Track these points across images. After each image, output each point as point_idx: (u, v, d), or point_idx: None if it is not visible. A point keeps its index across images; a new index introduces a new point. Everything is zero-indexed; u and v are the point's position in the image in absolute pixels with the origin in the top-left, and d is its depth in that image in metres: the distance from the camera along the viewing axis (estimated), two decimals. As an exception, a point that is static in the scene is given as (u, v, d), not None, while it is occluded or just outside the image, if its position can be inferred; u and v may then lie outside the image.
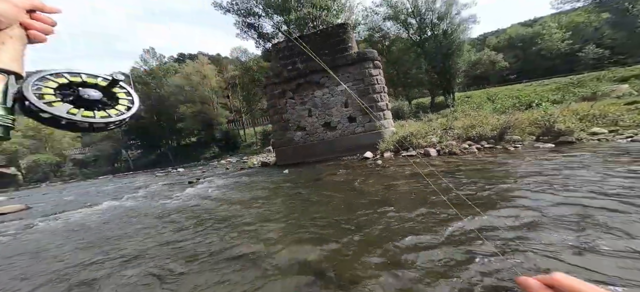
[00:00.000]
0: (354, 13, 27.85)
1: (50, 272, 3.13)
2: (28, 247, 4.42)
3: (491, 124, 8.17)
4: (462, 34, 26.73)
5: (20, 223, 6.56)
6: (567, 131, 5.95)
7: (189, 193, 7.88)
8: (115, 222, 5.37)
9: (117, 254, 3.44)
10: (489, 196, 3.51)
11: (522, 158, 5.47)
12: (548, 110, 7.19)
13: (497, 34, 71.21)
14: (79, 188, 18.16)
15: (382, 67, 31.13)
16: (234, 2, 24.63)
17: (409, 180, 5.41)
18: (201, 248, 3.22)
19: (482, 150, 6.99)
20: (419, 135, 9.13)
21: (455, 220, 2.81)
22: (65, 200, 11.15)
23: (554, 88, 24.02)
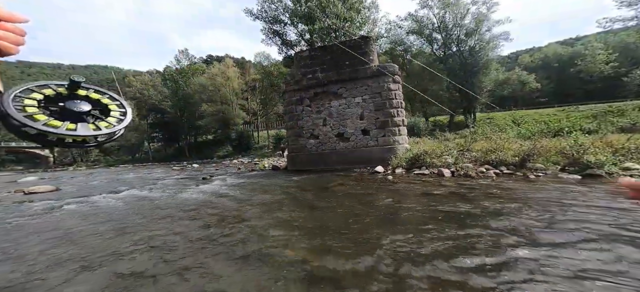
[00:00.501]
0: (377, 26, 28.08)
1: (74, 251, 3.43)
2: (58, 225, 4.86)
3: (513, 149, 7.80)
4: (491, 51, 25.80)
5: (50, 203, 7.11)
6: (596, 164, 5.53)
7: (203, 189, 8.23)
8: (135, 211, 5.76)
9: (133, 239, 3.70)
10: (497, 221, 3.36)
11: (541, 187, 5.16)
12: (578, 139, 6.74)
13: (532, 52, 67.60)
14: (103, 175, 19.41)
15: (402, 81, 30.85)
16: (263, 10, 25.93)
17: (419, 198, 5.30)
18: (208, 243, 3.38)
19: (500, 175, 6.67)
20: (433, 155, 8.91)
21: (456, 243, 2.73)
22: (90, 185, 11.96)
23: (589, 115, 22.38)
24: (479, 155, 8.30)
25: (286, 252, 3.00)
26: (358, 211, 4.65)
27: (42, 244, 3.75)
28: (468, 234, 3.09)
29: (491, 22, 25.31)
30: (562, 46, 54.65)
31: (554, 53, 51.03)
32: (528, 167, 6.60)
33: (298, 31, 26.30)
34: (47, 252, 3.41)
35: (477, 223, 3.44)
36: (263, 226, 4.07)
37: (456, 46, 26.98)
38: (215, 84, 36.38)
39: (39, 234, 4.33)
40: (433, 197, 5.19)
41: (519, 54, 71.07)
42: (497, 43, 25.88)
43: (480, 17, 24.92)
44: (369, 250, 2.86)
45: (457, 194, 5.28)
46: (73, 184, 12.49)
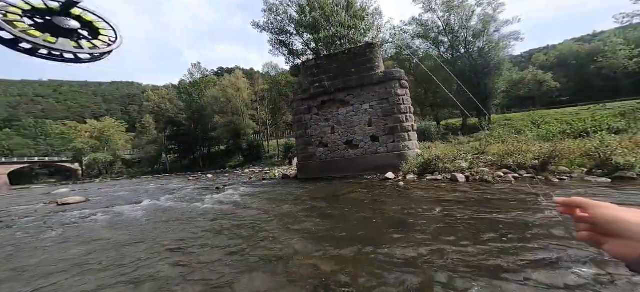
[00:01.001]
0: (381, 32, 28.11)
1: (103, 257, 3.54)
2: (89, 234, 5.09)
3: (532, 152, 7.39)
4: (501, 51, 24.97)
5: (82, 213, 7.56)
6: (626, 166, 5.11)
7: (216, 199, 8.37)
8: (156, 220, 5.95)
9: (154, 245, 3.77)
10: (519, 231, 3.13)
11: (566, 192, 4.82)
12: (605, 140, 6.29)
13: (546, 50, 65.09)
14: (126, 186, 20.32)
15: (411, 86, 30.41)
16: (269, 22, 26.67)
17: (433, 205, 5.09)
18: (221, 248, 3.38)
19: (519, 179, 6.31)
20: (446, 160, 8.61)
21: (470, 255, 2.56)
22: (115, 195, 12.54)
23: (616, 114, 20.96)
24: (495, 159, 7.94)
25: (298, 259, 2.94)
26: (370, 218, 4.52)
27: (78, 250, 3.92)
28: (487, 245, 2.91)
29: (499, 22, 24.59)
30: (578, 43, 52.30)
31: (569, 51, 48.87)
32: (550, 171, 6.20)
33: (304, 41, 26.80)
34: (84, 258, 3.55)
35: (497, 232, 3.23)
36: (274, 233, 4.03)
37: (464, 48, 26.41)
38: (226, 96, 37.46)
39: (75, 241, 4.55)
40: (448, 204, 4.98)
41: (532, 52, 68.53)
42: (507, 43, 25.02)
43: (486, 18, 24.29)
44: (382, 259, 2.75)
45: (473, 199, 5.03)
46: (101, 195, 13.16)
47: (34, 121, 77.14)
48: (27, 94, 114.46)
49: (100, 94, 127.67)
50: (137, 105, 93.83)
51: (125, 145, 57.55)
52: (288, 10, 26.28)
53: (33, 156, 58.41)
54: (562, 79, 43.76)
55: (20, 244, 4.85)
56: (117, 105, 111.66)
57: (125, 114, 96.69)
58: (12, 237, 5.55)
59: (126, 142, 58.04)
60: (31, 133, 69.08)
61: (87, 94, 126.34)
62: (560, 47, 54.04)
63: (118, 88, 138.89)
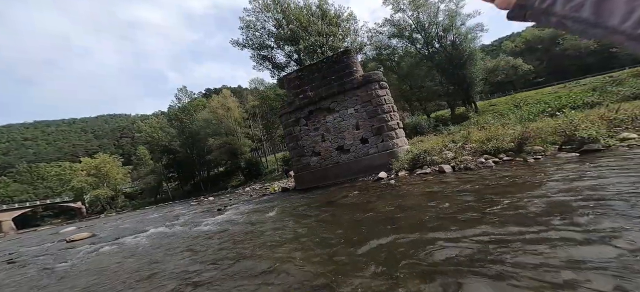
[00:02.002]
0: (359, 35, 28.95)
1: (110, 287, 3.72)
2: (97, 266, 5.23)
3: (509, 135, 7.83)
4: (471, 43, 26.14)
5: (89, 247, 7.67)
6: (590, 139, 5.54)
7: (217, 220, 8.53)
8: (160, 246, 6.10)
9: (160, 271, 3.96)
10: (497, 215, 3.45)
11: (538, 170, 5.20)
12: (569, 116, 6.77)
13: (513, 38, 67.99)
14: (131, 218, 20.06)
15: (395, 83, 30.97)
16: (248, 39, 27.08)
17: (419, 199, 5.40)
18: (221, 265, 3.60)
19: (499, 163, 6.71)
20: (433, 152, 9.00)
21: (453, 244, 2.85)
22: (121, 228, 12.57)
23: (589, 89, 21.96)
24: (477, 146, 8.35)
25: (292, 267, 3.18)
26: (360, 220, 4.79)
27: (88, 280, 4.09)
28: (470, 233, 3.21)
29: (463, 17, 25.95)
30: (538, 29, 54.94)
31: (533, 36, 51.71)
32: (526, 151, 6.62)
33: (286, 53, 27.34)
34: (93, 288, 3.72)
35: (478, 220, 3.55)
36: (270, 244, 4.26)
37: (438, 43, 27.54)
38: (217, 117, 37.60)
39: (85, 273, 4.70)
40: (433, 196, 5.29)
41: (501, 40, 71.68)
42: (474, 35, 26.38)
43: (451, 13, 25.55)
44: (367, 256, 3.02)
45: (457, 190, 5.36)
46: (106, 230, 13.13)
47: (28, 166, 75.61)
48: (15, 139, 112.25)
49: (90, 130, 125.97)
50: (129, 137, 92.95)
51: (124, 178, 56.81)
52: (265, 25, 26.86)
53: (34, 199, 57.47)
54: (535, 62, 45.78)
55: (31, 281, 4.96)
56: (108, 140, 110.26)
57: (118, 147, 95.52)
58: (24, 274, 5.61)
59: (124, 176, 57.31)
60: (27, 178, 67.77)
61: (76, 131, 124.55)
62: (525, 33, 56.73)
63: (106, 121, 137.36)
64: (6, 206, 49.94)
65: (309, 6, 26.32)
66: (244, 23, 26.59)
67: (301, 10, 25.48)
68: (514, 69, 41.51)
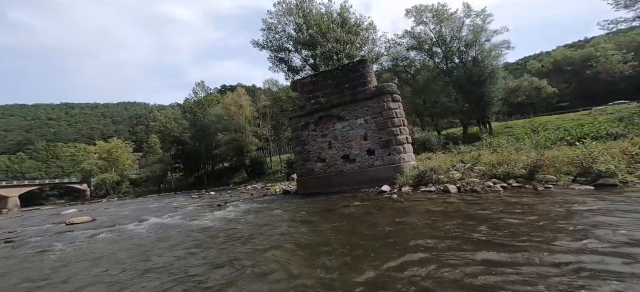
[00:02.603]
0: (376, 45, 28.96)
1: (104, 274, 3.83)
2: (91, 254, 5.37)
3: (522, 161, 7.55)
4: (494, 60, 25.26)
5: (88, 233, 7.85)
6: (608, 173, 5.26)
7: (216, 216, 8.63)
8: (158, 237, 6.25)
9: (153, 262, 4.05)
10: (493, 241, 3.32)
11: (547, 200, 4.97)
12: (588, 147, 6.46)
13: (540, 57, 65.68)
14: (131, 205, 20.67)
15: (409, 96, 30.62)
16: (268, 40, 27.74)
17: (421, 217, 5.28)
18: (211, 263, 3.64)
19: (508, 189, 6.46)
20: (440, 171, 8.80)
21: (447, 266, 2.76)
22: (121, 215, 12.89)
23: (615, 119, 20.89)
24: (486, 169, 8.10)
25: (282, 271, 3.17)
26: (358, 232, 4.73)
27: (83, 265, 4.22)
28: (464, 258, 3.10)
29: (488, 32, 25.14)
30: (570, 49, 52.80)
31: (563, 57, 49.37)
32: (537, 179, 6.35)
33: (302, 57, 27.76)
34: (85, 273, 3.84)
35: (474, 243, 3.43)
36: (261, 249, 4.27)
37: (458, 58, 26.97)
38: (229, 113, 38.43)
39: (80, 259, 4.86)
40: (434, 215, 5.17)
41: (527, 59, 69.32)
42: (499, 52, 25.49)
43: (476, 28, 24.88)
44: (359, 269, 2.97)
45: (459, 211, 5.21)
46: (107, 215, 13.52)
47: (46, 144, 79.65)
48: (40, 118, 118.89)
49: (109, 115, 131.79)
50: (144, 125, 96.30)
51: (132, 165, 58.74)
52: (286, 29, 27.44)
53: (44, 178, 60.03)
54: (562, 84, 43.88)
55: (25, 262, 5.17)
56: (124, 126, 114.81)
57: (132, 134, 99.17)
58: (19, 255, 5.85)
59: (133, 162, 59.31)
60: (43, 156, 71.27)
61: (96, 115, 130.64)
62: (554, 53, 54.56)
63: (126, 108, 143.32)
64: (16, 182, 52.22)
65: (330, 13, 26.71)
66: (266, 25, 27.31)
67: (322, 17, 25.90)
68: (536, 90, 39.94)
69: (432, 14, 26.26)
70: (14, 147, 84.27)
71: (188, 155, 45.65)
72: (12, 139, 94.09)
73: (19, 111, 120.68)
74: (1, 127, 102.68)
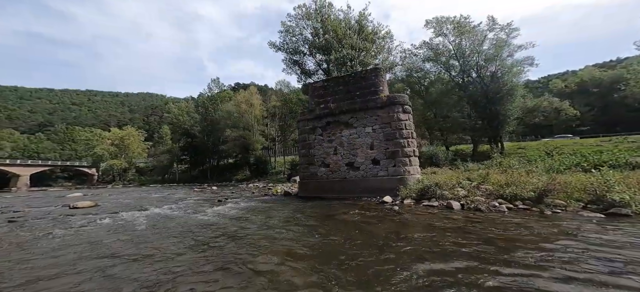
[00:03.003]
0: (392, 54, 28.88)
1: (101, 258, 3.98)
2: (90, 240, 5.58)
3: (532, 184, 7.30)
4: (515, 77, 24.15)
5: (90, 218, 8.09)
6: (621, 202, 5.01)
7: (216, 211, 8.78)
8: (156, 227, 6.39)
9: (147, 252, 4.17)
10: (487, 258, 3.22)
11: (553, 224, 4.78)
12: (605, 175, 6.19)
13: (565, 76, 63.03)
14: (134, 193, 21.10)
15: (420, 109, 30.11)
16: (284, 42, 28.28)
17: (420, 230, 5.19)
18: (204, 258, 3.71)
19: (513, 210, 6.26)
20: (445, 187, 8.62)
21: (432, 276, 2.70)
22: (123, 202, 13.24)
23: (638, 148, 19.87)
24: (493, 188, 7.88)
25: (274, 272, 3.20)
26: (355, 239, 4.70)
27: (75, 253, 4.40)
28: (456, 268, 3.04)
29: (512, 47, 24.14)
30: (600, 69, 50.20)
31: (591, 77, 46.85)
32: (546, 203, 6.12)
33: (316, 61, 28.07)
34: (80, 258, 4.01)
35: (473, 258, 3.34)
36: (259, 248, 4.31)
37: (476, 72, 26.25)
38: (239, 111, 39.19)
39: (77, 247, 5.05)
40: (434, 230, 5.07)
41: (550, 78, 66.69)
42: (521, 68, 24.42)
43: (499, 43, 24.01)
44: (348, 277, 2.95)
45: (460, 228, 5.08)
46: (109, 201, 13.90)
47: (64, 127, 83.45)
48: (64, 102, 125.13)
49: (128, 104, 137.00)
50: (158, 115, 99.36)
51: (142, 153, 60.48)
52: (303, 32, 27.90)
53: (57, 159, 62.47)
54: (584, 107, 42.01)
55: (24, 244, 5.41)
56: (140, 115, 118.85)
57: (146, 123, 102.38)
58: (18, 236, 6.02)
59: (143, 150, 61.09)
60: (60, 138, 74.46)
61: (116, 103, 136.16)
62: (581, 73, 52.12)
63: (144, 98, 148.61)
64: (31, 162, 54.24)
65: (348, 20, 26.98)
66: (284, 27, 27.88)
67: (339, 23, 26.20)
68: (556, 112, 38.21)
69: (453, 26, 25.71)
70: (35, 128, 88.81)
71: (195, 148, 46.60)
72: (35, 120, 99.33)
73: (46, 95, 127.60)
74: (27, 108, 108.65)
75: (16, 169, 49.65)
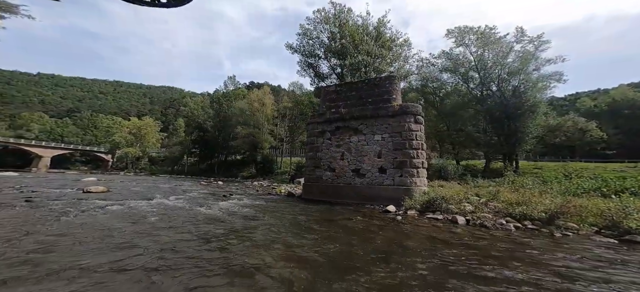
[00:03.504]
0: (408, 62, 28.54)
1: (106, 242, 4.26)
2: (99, 224, 5.96)
3: (545, 204, 7.03)
4: (539, 93, 22.65)
5: (101, 203, 8.49)
6: (637, 230, 4.74)
7: (220, 205, 9.04)
8: (161, 217, 6.70)
9: (154, 241, 4.42)
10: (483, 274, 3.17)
11: (561, 247, 4.59)
12: (624, 202, 5.88)
13: (596, 95, 58.94)
14: (144, 182, 21.74)
15: (432, 120, 29.31)
16: (301, 45, 28.70)
17: (420, 241, 5.15)
18: (206, 253, 3.89)
19: (520, 229, 6.06)
20: (452, 201, 8.46)
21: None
22: (132, 190, 13.82)
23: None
24: (502, 206, 7.65)
25: (269, 270, 3.31)
26: (353, 245, 4.74)
27: (83, 235, 4.73)
28: (450, 282, 3.03)
29: (540, 61, 22.59)
30: (633, 90, 46.60)
31: (623, 97, 43.56)
32: (556, 225, 5.89)
33: (330, 65, 28.27)
34: (91, 239, 4.32)
35: (466, 272, 3.31)
36: (258, 244, 4.45)
37: (496, 86, 25.14)
38: (251, 109, 40.00)
39: (85, 230, 5.42)
40: (436, 242, 5.02)
41: (579, 95, 62.70)
42: (547, 84, 22.86)
43: (525, 55, 22.60)
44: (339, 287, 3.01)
45: (463, 243, 4.99)
46: (120, 188, 14.55)
47: (90, 114, 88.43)
48: (93, 91, 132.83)
49: (149, 96, 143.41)
50: (175, 108, 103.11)
51: (156, 144, 62.92)
52: (320, 36, 28.24)
53: (77, 143, 66.12)
54: (611, 129, 39.45)
55: (39, 222, 5.82)
56: (158, 107, 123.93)
57: (163, 115, 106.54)
58: (26, 215, 6.47)
59: (157, 141, 63.57)
60: (84, 123, 78.81)
61: (138, 95, 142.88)
62: (613, 92, 48.56)
63: (164, 92, 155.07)
64: (54, 144, 57.03)
65: (366, 26, 27.07)
66: (302, 30, 28.34)
67: (357, 28, 26.34)
68: (581, 132, 35.77)
69: (476, 37, 24.59)
70: (64, 113, 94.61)
71: (206, 142, 47.79)
72: (65, 106, 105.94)
73: (79, 83, 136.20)
74: (60, 95, 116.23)
75: (40, 150, 52.62)
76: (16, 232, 4.59)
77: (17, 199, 8.71)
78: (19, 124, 64.15)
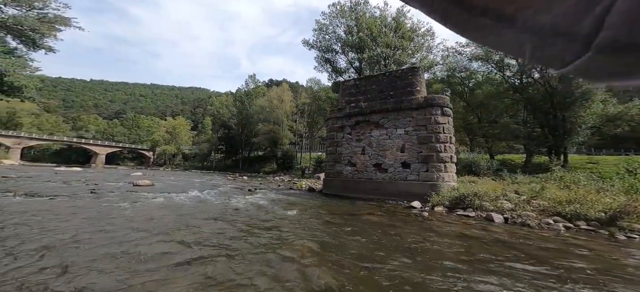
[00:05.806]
0: (432, 53, 26.83)
1: (152, 230, 4.54)
2: (147, 214, 6.44)
3: (603, 203, 6.00)
4: None
5: (148, 195, 9.39)
6: None
7: (247, 199, 9.32)
8: (197, 210, 7.08)
9: (190, 231, 4.62)
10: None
11: (628, 252, 3.81)
12: None
13: None
14: (181, 177, 23.66)
15: (461, 112, 27.16)
16: (317, 40, 28.47)
17: (453, 240, 4.69)
18: (238, 244, 3.94)
19: (572, 230, 5.23)
20: (486, 198, 7.67)
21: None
22: (172, 184, 15.03)
23: None
24: (549, 204, 6.72)
25: (299, 265, 3.22)
26: (379, 240, 4.47)
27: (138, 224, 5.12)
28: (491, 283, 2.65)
29: None
30: None
31: None
32: (619, 226, 4.97)
33: (348, 59, 27.62)
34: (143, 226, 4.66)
35: (504, 278, 2.88)
36: (286, 238, 4.41)
37: (539, 73, 22.53)
38: (271, 106, 40.88)
39: (139, 218, 5.88)
40: (468, 241, 4.52)
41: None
42: None
43: None
44: (367, 283, 2.80)
45: (500, 241, 4.43)
46: (163, 182, 15.91)
47: (133, 115, 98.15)
48: (134, 94, 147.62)
49: (180, 97, 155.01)
50: (203, 108, 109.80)
51: (188, 141, 67.90)
52: (336, 30, 27.75)
53: (125, 142, 74.13)
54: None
55: (98, 209, 6.42)
56: (189, 107, 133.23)
57: (193, 114, 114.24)
58: (94, 204, 7.33)
59: (189, 139, 68.59)
60: (130, 124, 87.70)
61: (171, 96, 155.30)
62: None
63: (193, 92, 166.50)
64: (108, 143, 65.05)
65: (384, 17, 25.97)
66: (318, 25, 28.12)
67: (375, 20, 25.38)
68: None
69: None
70: (113, 115, 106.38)
71: (231, 139, 50.13)
72: (113, 109, 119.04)
73: (123, 87, 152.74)
74: (109, 98, 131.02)
75: (98, 149, 60.77)
76: (95, 217, 5.14)
77: (85, 191, 9.90)
78: (79, 125, 73.79)
